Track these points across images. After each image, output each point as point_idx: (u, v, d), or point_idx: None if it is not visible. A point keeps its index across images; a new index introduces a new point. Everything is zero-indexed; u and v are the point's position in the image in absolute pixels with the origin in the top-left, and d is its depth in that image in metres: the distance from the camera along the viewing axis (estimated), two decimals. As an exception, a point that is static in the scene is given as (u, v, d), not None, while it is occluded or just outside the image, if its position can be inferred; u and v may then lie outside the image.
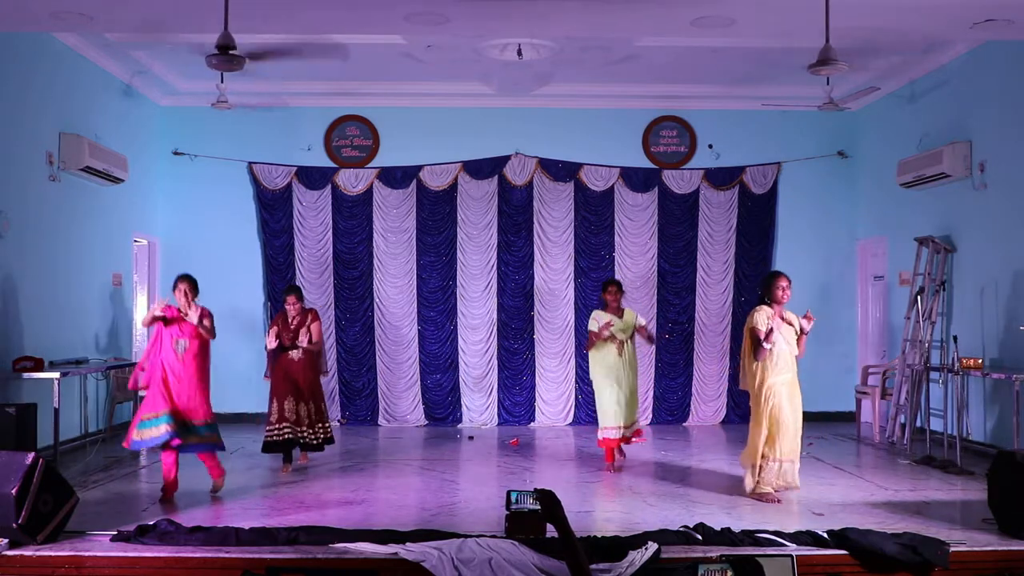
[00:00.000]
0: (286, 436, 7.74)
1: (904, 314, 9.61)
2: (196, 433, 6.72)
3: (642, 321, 8.23)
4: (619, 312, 8.07)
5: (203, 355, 6.90)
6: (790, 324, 6.91)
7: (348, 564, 5.05)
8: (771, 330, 6.70)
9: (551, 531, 5.04)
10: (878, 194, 10.82)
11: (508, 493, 5.54)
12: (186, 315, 6.84)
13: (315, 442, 7.97)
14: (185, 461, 6.89)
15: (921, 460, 8.23)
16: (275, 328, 7.98)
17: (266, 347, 8.34)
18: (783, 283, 6.87)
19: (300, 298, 8.08)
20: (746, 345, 6.92)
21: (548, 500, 4.13)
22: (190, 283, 6.98)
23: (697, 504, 6.53)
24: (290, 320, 7.97)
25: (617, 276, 10.84)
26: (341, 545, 5.23)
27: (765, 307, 6.85)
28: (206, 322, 6.90)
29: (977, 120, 8.93)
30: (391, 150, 11.17)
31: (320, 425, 8.01)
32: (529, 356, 11.22)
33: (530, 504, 5.37)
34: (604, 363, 7.96)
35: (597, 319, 8.01)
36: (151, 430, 6.58)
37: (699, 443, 9.70)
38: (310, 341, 7.88)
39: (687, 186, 11.25)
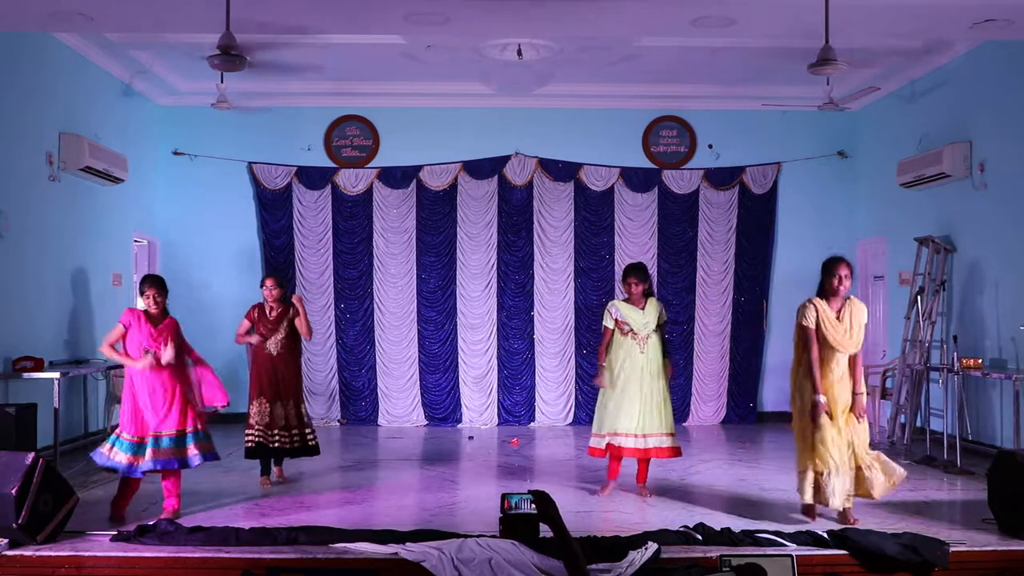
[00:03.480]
0: (257, 440, 7.21)
1: (904, 314, 9.61)
2: (199, 440, 6.25)
3: (664, 318, 6.95)
4: (641, 303, 6.91)
5: (179, 354, 6.27)
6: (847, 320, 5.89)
7: (348, 564, 5.06)
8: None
9: (546, 531, 5.05)
10: (878, 194, 10.81)
11: (503, 496, 5.50)
12: (155, 323, 6.16)
13: (288, 447, 7.30)
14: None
15: (921, 460, 8.24)
16: (247, 322, 7.44)
17: (236, 339, 7.52)
18: (843, 271, 5.82)
19: (279, 284, 7.50)
20: (796, 350, 6.01)
21: (543, 501, 4.14)
22: (159, 287, 6.22)
23: (697, 504, 6.54)
24: (268, 310, 7.46)
25: (617, 276, 10.67)
26: (341, 545, 5.23)
27: (815, 302, 5.87)
28: (191, 358, 6.31)
29: (977, 120, 8.92)
30: (391, 150, 11.16)
31: (297, 431, 7.34)
32: (529, 356, 11.21)
33: (527, 508, 5.32)
34: (623, 364, 6.81)
35: (611, 311, 6.90)
36: (126, 455, 6.03)
37: (699, 443, 9.69)
38: (294, 341, 7.41)
39: (687, 186, 11.25)
